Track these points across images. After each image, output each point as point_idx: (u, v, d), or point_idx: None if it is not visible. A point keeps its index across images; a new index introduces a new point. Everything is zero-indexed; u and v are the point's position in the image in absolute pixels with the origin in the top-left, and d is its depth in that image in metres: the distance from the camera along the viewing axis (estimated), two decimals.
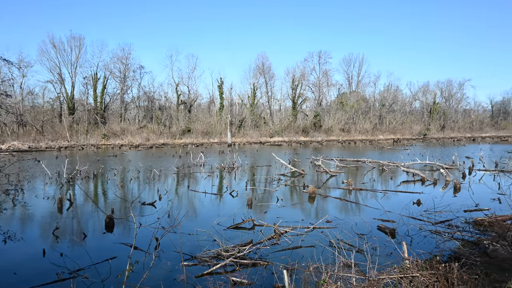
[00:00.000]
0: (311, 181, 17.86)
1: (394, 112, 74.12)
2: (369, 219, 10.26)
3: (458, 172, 20.89)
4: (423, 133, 67.88)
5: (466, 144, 52.27)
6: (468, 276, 4.23)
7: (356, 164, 24.77)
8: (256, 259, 6.81)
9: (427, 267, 4.34)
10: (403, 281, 4.17)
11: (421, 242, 8.17)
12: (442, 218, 10.14)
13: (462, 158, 27.95)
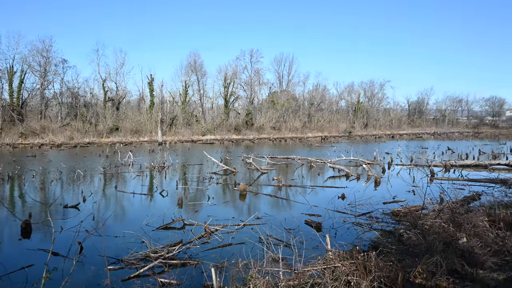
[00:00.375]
0: (242, 178, 18.03)
1: (322, 110, 77.23)
2: (297, 214, 10.62)
3: (379, 167, 22.34)
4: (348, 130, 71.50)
5: (386, 141, 56.07)
6: (384, 263, 4.57)
7: (286, 161, 25.46)
8: (185, 259, 6.74)
9: (348, 257, 4.63)
10: (326, 272, 4.39)
11: (344, 234, 8.65)
12: (364, 211, 10.80)
13: (382, 154, 29.91)
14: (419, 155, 28.26)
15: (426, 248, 5.29)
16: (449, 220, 6.49)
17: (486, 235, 5.94)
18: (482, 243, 5.60)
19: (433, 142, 49.29)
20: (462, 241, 5.52)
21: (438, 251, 5.01)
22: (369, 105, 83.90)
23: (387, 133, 73.02)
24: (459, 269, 4.68)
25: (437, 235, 5.74)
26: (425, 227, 6.43)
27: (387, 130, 77.01)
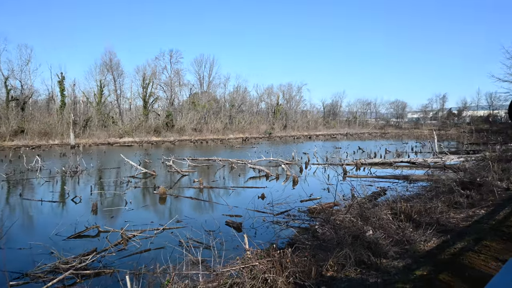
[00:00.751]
0: (162, 182, 17.62)
1: (243, 112, 78.30)
2: (218, 215, 10.67)
3: (297, 166, 23.26)
4: (268, 132, 73.35)
5: (304, 141, 58.55)
6: (299, 258, 4.80)
7: (208, 163, 25.39)
8: (100, 268, 6.42)
9: (265, 255, 4.78)
10: (245, 271, 4.49)
11: (264, 233, 8.88)
12: (283, 209, 11.19)
13: (300, 154, 31.18)
14: (333, 155, 29.96)
15: (337, 242, 5.65)
16: (358, 215, 7.00)
17: (389, 227, 6.52)
18: (386, 234, 6.13)
19: (346, 142, 52.54)
20: (368, 233, 5.99)
21: (348, 244, 5.38)
22: (288, 107, 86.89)
23: (305, 134, 76.22)
24: (366, 259, 5.07)
25: (347, 229, 6.15)
26: (336, 222, 6.86)
27: (304, 131, 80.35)
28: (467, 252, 5.12)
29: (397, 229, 6.55)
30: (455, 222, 7.32)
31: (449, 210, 8.42)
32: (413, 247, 5.71)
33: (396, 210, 7.72)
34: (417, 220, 7.20)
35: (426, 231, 6.38)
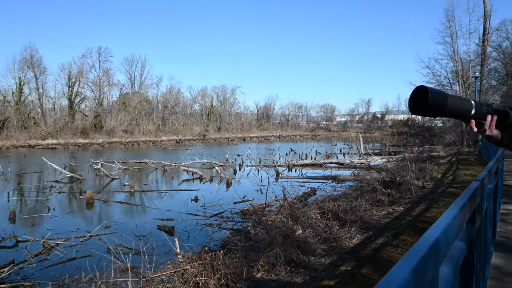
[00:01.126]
0: (90, 186, 16.78)
1: (176, 114, 76.92)
2: (150, 220, 10.41)
3: (231, 168, 23.39)
4: (202, 134, 72.82)
5: (238, 143, 58.98)
6: (231, 260, 4.86)
7: (139, 166, 24.62)
8: (18, 281, 5.98)
9: (197, 258, 4.78)
10: (176, 275, 4.45)
11: (197, 236, 8.82)
12: (216, 211, 11.20)
13: (234, 156, 31.35)
14: (267, 156, 30.53)
15: (268, 242, 5.79)
16: (288, 215, 7.24)
17: (317, 226, 6.82)
18: (314, 233, 6.41)
19: (279, 144, 53.76)
20: (298, 232, 6.22)
21: (278, 244, 5.55)
22: (222, 109, 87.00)
23: (239, 136, 76.76)
24: (295, 258, 5.27)
25: (278, 230, 6.34)
26: (268, 223, 7.04)
27: (238, 133, 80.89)
28: (387, 246, 5.53)
29: (325, 227, 6.86)
30: (377, 219, 7.84)
31: (372, 208, 8.99)
32: (339, 244, 6.04)
33: (324, 209, 8.09)
34: (343, 218, 7.61)
35: (351, 228, 6.77)
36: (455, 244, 1.79)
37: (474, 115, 1.65)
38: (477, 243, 2.31)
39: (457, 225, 1.48)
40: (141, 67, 76.94)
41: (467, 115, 1.64)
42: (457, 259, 1.59)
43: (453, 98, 1.57)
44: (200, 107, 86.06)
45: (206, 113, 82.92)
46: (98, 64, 69.65)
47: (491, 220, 4.06)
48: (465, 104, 1.62)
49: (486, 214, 3.10)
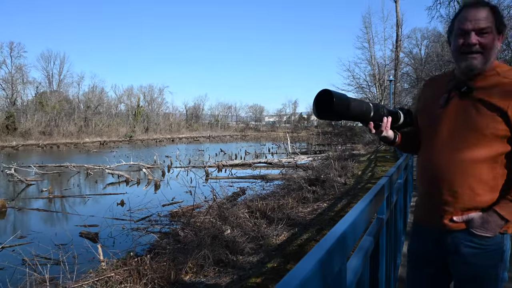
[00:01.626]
0: (2, 193, 15.40)
1: (100, 114, 73.20)
2: (71, 227, 9.85)
3: (159, 170, 22.84)
4: (129, 135, 70.14)
5: (166, 144, 57.67)
6: (158, 264, 4.77)
7: (60, 170, 23.09)
8: None
9: (122, 264, 4.62)
10: (99, 284, 4.27)
11: (123, 241, 8.51)
12: (144, 215, 10.88)
13: (162, 158, 30.64)
14: (196, 157, 30.25)
15: (197, 243, 5.77)
16: (217, 216, 7.27)
17: (246, 225, 6.93)
18: (243, 232, 6.51)
19: (209, 145, 53.59)
20: (227, 232, 6.28)
21: (207, 245, 5.55)
22: (150, 109, 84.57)
23: (168, 137, 75.18)
24: (224, 258, 5.32)
25: (207, 231, 6.34)
26: (197, 224, 7.00)
27: (167, 134, 79.20)
28: (311, 241, 5.79)
29: (253, 226, 7.00)
30: (303, 216, 8.15)
31: (298, 205, 9.33)
32: (266, 242, 6.19)
33: (253, 208, 8.24)
34: (271, 216, 7.81)
35: (278, 226, 6.98)
36: (365, 236, 1.95)
37: (372, 117, 1.78)
38: (387, 234, 2.52)
39: (366, 218, 1.61)
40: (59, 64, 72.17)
41: (367, 117, 1.75)
42: (366, 250, 1.73)
43: (355, 101, 1.65)
44: (126, 107, 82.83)
45: (132, 113, 79.96)
46: (10, 60, 64.09)
47: (402, 212, 4.44)
48: (365, 107, 1.73)
49: (396, 207, 3.38)
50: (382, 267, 2.33)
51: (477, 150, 1.64)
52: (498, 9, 1.68)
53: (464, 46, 1.64)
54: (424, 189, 1.86)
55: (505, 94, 1.59)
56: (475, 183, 1.65)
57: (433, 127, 1.78)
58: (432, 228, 1.80)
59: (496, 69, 1.67)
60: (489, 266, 1.68)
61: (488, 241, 1.66)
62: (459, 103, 1.70)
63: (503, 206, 1.61)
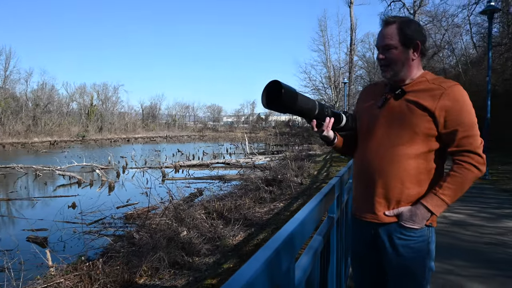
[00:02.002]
0: None
1: (50, 113, 69.88)
2: (18, 231, 9.34)
3: (114, 171, 22.18)
4: (81, 134, 67.53)
5: (121, 144, 56.03)
6: (111, 268, 4.64)
7: (5, 171, 21.81)
8: None
9: (72, 269, 4.45)
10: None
11: (74, 245, 8.18)
12: (97, 218, 10.53)
13: (117, 158, 29.76)
14: (153, 158, 29.63)
15: (152, 246, 5.67)
16: (173, 217, 7.18)
17: (202, 226, 6.89)
18: (199, 233, 6.47)
19: (166, 145, 52.70)
20: (183, 234, 6.22)
21: (163, 247, 5.47)
22: (104, 108, 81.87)
23: (123, 137, 73.15)
24: (180, 260, 5.26)
25: (162, 233, 6.24)
26: (152, 226, 6.88)
27: (122, 134, 77.05)
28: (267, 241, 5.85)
29: (210, 227, 6.97)
30: (260, 216, 8.23)
31: (255, 206, 9.41)
32: (223, 243, 6.19)
33: (209, 209, 8.21)
34: (228, 217, 7.82)
35: (235, 226, 7.00)
36: (315, 235, 2.01)
37: (317, 115, 1.86)
38: (337, 232, 2.61)
39: (315, 218, 1.66)
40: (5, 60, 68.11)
41: (312, 114, 1.83)
42: (316, 248, 1.79)
43: (302, 96, 1.71)
44: (78, 106, 79.63)
45: (85, 112, 77.03)
46: None
47: None
48: (311, 104, 1.80)
49: (347, 206, 3.50)
50: (332, 265, 2.41)
51: (409, 147, 1.80)
52: (406, 24, 1.83)
53: (377, 60, 1.89)
54: (360, 183, 2.00)
55: (433, 97, 1.77)
56: (405, 177, 1.81)
57: (371, 126, 1.95)
58: (368, 220, 1.95)
59: (425, 76, 1.87)
60: (418, 257, 1.84)
61: (416, 232, 1.82)
62: (394, 104, 1.88)
63: (429, 200, 1.78)
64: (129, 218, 10.24)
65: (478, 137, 1.78)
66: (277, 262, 1.03)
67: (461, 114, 1.76)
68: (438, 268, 4.18)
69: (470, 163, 1.75)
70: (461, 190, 1.77)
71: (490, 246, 5.05)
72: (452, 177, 1.76)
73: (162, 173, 19.96)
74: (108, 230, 9.21)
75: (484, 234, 5.62)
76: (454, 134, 1.77)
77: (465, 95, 1.80)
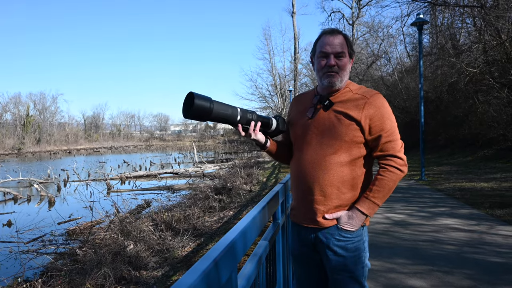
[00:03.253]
0: None
1: None
2: None
3: (54, 185, 21.02)
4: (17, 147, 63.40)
5: (62, 157, 53.22)
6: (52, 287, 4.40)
7: None
8: None
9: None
10: None
11: (10, 266, 7.64)
12: (36, 235, 9.92)
13: (58, 171, 28.28)
14: (97, 170, 28.45)
15: (97, 262, 5.44)
16: (119, 231, 6.93)
17: (150, 238, 6.72)
18: (147, 246, 6.30)
19: (111, 156, 50.81)
20: (129, 248, 6.02)
21: (108, 262, 5.27)
22: (42, 119, 77.56)
23: (64, 149, 69.64)
24: (126, 275, 5.09)
25: (108, 247, 6.01)
26: (97, 241, 6.60)
27: (63, 146, 73.36)
28: None
29: (158, 239, 6.81)
30: (209, 225, 8.17)
31: (205, 215, 9.33)
32: (172, 254, 6.08)
33: (157, 220, 8.02)
34: (177, 228, 7.68)
35: (184, 237, 6.89)
36: (261, 241, 2.05)
37: (240, 120, 1.96)
38: (283, 237, 2.67)
39: (258, 225, 1.70)
40: None
41: (233, 120, 1.93)
42: (260, 255, 1.83)
43: (219, 105, 1.83)
44: (13, 117, 74.75)
45: (21, 123, 72.43)
46: None
47: None
48: (231, 111, 1.91)
49: None
50: (279, 269, 2.46)
51: (340, 155, 1.92)
52: (348, 36, 2.03)
53: (325, 66, 1.95)
54: (299, 192, 2.07)
55: (357, 107, 1.91)
56: (340, 183, 1.92)
57: (303, 136, 2.05)
58: (307, 226, 2.03)
59: (349, 86, 2.02)
60: (355, 256, 1.96)
61: (353, 234, 1.95)
62: (324, 115, 1.99)
63: (362, 204, 1.91)
64: (72, 234, 9.75)
65: (398, 141, 1.94)
66: (215, 273, 1.03)
67: (383, 121, 1.90)
68: (381, 267, 4.41)
69: (393, 166, 1.90)
70: (388, 191, 1.91)
71: (427, 243, 5.38)
72: (380, 181, 1.90)
73: (107, 185, 19.20)
74: (48, 248, 8.69)
75: (422, 232, 5.98)
76: (378, 140, 1.91)
77: (385, 103, 1.95)
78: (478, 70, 17.88)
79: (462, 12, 20.45)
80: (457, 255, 4.81)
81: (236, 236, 1.28)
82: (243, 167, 19.28)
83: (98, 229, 8.37)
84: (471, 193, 9.42)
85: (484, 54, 18.01)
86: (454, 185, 10.95)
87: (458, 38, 23.06)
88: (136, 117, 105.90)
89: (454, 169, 14.62)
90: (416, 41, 25.13)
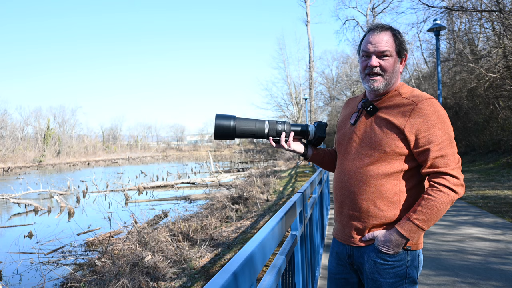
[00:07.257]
0: None
1: (3, 138, 66.65)
2: None
3: (74, 196, 21.34)
4: (38, 160, 64.74)
5: (81, 168, 54.11)
6: None
7: None
8: None
9: None
10: None
11: (31, 277, 7.75)
12: (56, 246, 10.04)
13: (77, 183, 28.73)
14: (115, 181, 28.80)
15: (115, 273, 5.46)
16: (137, 241, 6.96)
17: (168, 249, 6.72)
18: (164, 257, 6.30)
19: (128, 167, 51.41)
20: (147, 258, 6.03)
21: (126, 273, 5.28)
22: (61, 131, 79.18)
23: (83, 161, 70.78)
24: (144, 286, 5.09)
25: (126, 258, 6.03)
26: (115, 252, 6.63)
27: (82, 158, 74.60)
28: None
29: (175, 249, 6.81)
30: (226, 235, 8.13)
31: (222, 225, 9.30)
32: (189, 265, 6.05)
33: (175, 231, 8.03)
34: (194, 238, 7.67)
35: (201, 247, 6.87)
36: (278, 253, 2.00)
37: (268, 133, 1.91)
38: (302, 249, 2.61)
39: (277, 236, 1.66)
40: None
41: (261, 134, 1.90)
42: (279, 267, 1.78)
43: (243, 121, 1.81)
44: (34, 130, 76.50)
45: (41, 136, 74.06)
46: None
47: (319, 226, 4.63)
48: (255, 126, 1.88)
49: (311, 221, 3.52)
50: (298, 282, 2.40)
51: (380, 167, 1.70)
52: (400, 33, 1.78)
53: (367, 67, 1.74)
54: (336, 204, 1.90)
55: (403, 114, 1.67)
56: (377, 198, 1.70)
57: (344, 144, 1.87)
58: (344, 243, 1.87)
59: (399, 89, 1.77)
60: (394, 283, 1.72)
61: (392, 257, 1.71)
62: (366, 121, 1.79)
63: (403, 225, 1.65)
64: (91, 245, 9.84)
65: (454, 155, 1.64)
66: (235, 286, 1.01)
67: (433, 132, 1.63)
68: None
69: (445, 186, 1.61)
70: (437, 214, 1.61)
71: (450, 253, 5.22)
72: (426, 201, 1.61)
73: (125, 196, 19.40)
74: (68, 259, 8.78)
75: (445, 242, 5.82)
76: (426, 154, 1.64)
77: (439, 110, 1.67)
78: (498, 75, 17.53)
79: (480, 17, 20.15)
80: (482, 266, 4.65)
81: (255, 248, 1.25)
82: (260, 176, 19.21)
83: (117, 240, 8.42)
84: (495, 201, 9.16)
85: (504, 59, 17.66)
86: (476, 193, 10.68)
87: (477, 43, 22.69)
88: (153, 128, 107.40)
89: (475, 177, 14.27)
90: (433, 47, 24.84)
